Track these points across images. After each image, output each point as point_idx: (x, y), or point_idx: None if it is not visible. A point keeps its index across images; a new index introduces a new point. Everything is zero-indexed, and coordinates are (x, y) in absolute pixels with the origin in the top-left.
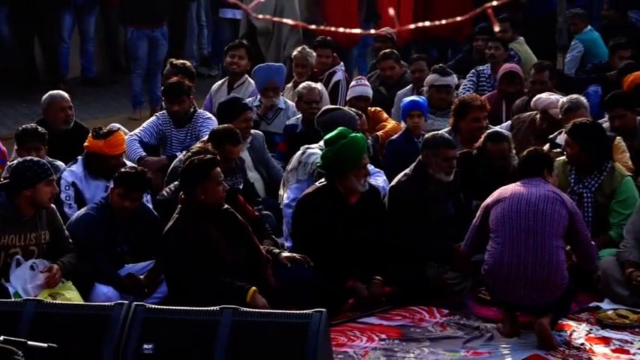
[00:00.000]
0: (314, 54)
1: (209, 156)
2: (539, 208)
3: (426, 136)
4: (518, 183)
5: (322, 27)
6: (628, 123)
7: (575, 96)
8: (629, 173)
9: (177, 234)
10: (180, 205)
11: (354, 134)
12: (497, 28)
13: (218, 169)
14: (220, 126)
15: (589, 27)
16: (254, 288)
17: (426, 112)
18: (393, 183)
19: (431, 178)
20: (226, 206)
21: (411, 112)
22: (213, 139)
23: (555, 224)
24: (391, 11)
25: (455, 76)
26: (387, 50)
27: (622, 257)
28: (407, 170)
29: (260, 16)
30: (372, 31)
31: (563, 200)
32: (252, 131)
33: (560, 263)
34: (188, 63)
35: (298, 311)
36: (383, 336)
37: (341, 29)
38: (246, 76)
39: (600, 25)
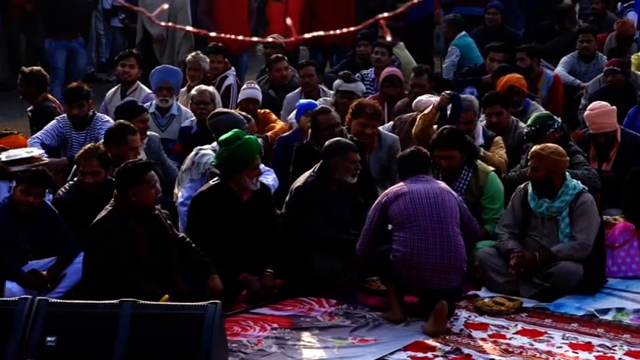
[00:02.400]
0: (207, 59)
1: (145, 160)
2: (439, 199)
3: (330, 142)
4: (408, 180)
5: (215, 34)
6: (504, 121)
7: (468, 97)
8: (492, 168)
9: (103, 227)
10: (112, 200)
11: (248, 136)
12: (389, 38)
13: (152, 172)
14: (114, 123)
15: (463, 32)
16: (166, 296)
17: None
18: (298, 183)
19: (333, 181)
20: (157, 210)
21: (307, 112)
22: (113, 134)
23: (454, 213)
24: (289, 21)
25: (360, 83)
26: (279, 54)
27: (503, 248)
28: (310, 172)
29: (162, 23)
30: (269, 39)
31: (452, 192)
32: (148, 133)
33: (460, 248)
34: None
35: (194, 303)
36: (275, 325)
37: (233, 36)
38: (138, 82)
39: (477, 32)
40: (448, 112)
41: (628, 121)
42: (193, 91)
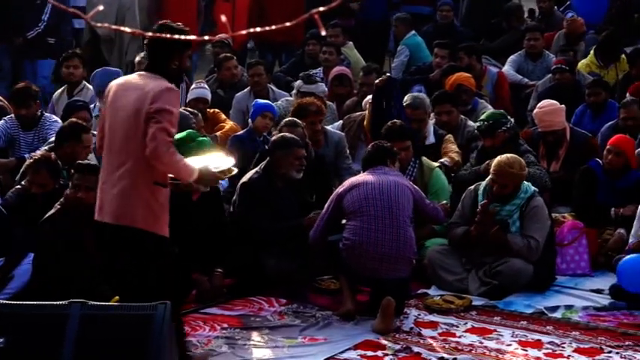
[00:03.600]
0: None
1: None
2: (391, 190)
3: (276, 137)
4: (366, 172)
5: (161, 34)
6: (454, 119)
7: (420, 95)
8: (436, 164)
9: (51, 226)
10: (62, 199)
11: (200, 138)
12: (323, 33)
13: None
14: (68, 122)
15: (413, 32)
16: (117, 297)
17: (277, 115)
18: (244, 180)
19: (279, 177)
20: None
21: (264, 113)
22: (68, 133)
23: (406, 204)
24: (223, 18)
25: (322, 84)
26: (227, 54)
27: (453, 237)
28: (257, 169)
29: (99, 25)
30: (221, 36)
31: (407, 184)
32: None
33: (410, 239)
34: None
35: (143, 303)
36: (225, 325)
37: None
38: (84, 82)
39: (428, 29)
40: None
41: (576, 119)
42: None
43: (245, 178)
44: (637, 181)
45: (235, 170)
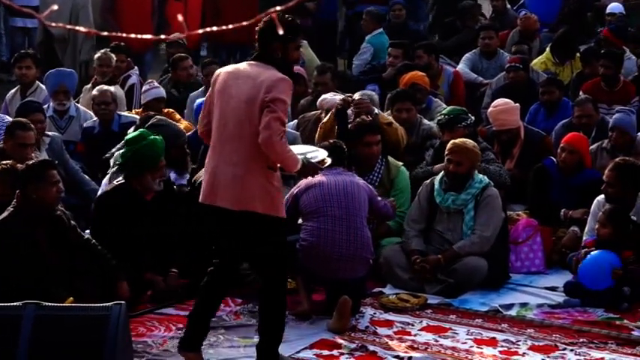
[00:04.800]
0: (115, 57)
1: (46, 158)
2: (348, 191)
3: None
4: (320, 173)
5: (115, 33)
6: (413, 117)
7: (367, 92)
8: (401, 163)
9: (4, 228)
10: (15, 201)
11: (153, 137)
12: (281, 32)
13: (54, 171)
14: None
15: (380, 30)
16: (71, 298)
17: None
18: (200, 178)
19: None
20: (60, 211)
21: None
22: (7, 130)
23: (362, 203)
24: (180, 17)
25: None
26: (182, 54)
27: (406, 248)
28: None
29: (53, 24)
30: (176, 35)
31: (362, 183)
32: (50, 133)
33: (367, 240)
34: None
35: (98, 304)
36: (180, 325)
37: (133, 35)
38: (38, 82)
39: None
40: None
41: (530, 118)
42: (94, 92)
43: (200, 177)
44: (590, 179)
45: (329, 161)
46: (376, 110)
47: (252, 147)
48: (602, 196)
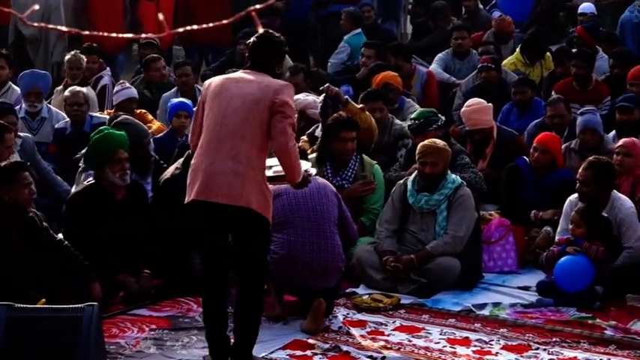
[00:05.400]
0: (85, 59)
1: (18, 160)
2: (315, 197)
3: None
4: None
5: (96, 32)
6: (385, 117)
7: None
8: (375, 161)
9: None
10: None
11: (111, 130)
12: (260, 30)
13: (26, 172)
14: None
15: (359, 30)
16: (43, 300)
17: (192, 114)
18: (166, 176)
19: None
20: (32, 212)
21: (179, 113)
22: None
23: (331, 209)
24: (160, 16)
25: None
26: (155, 54)
27: (378, 249)
28: (176, 164)
29: (35, 24)
30: (149, 36)
31: (330, 188)
32: (22, 134)
33: (338, 248)
34: None
35: (71, 305)
36: (153, 326)
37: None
38: (10, 83)
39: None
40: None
41: (503, 117)
42: (67, 93)
43: (167, 175)
44: (563, 178)
45: (314, 171)
46: (348, 99)
47: (254, 146)
48: (574, 196)
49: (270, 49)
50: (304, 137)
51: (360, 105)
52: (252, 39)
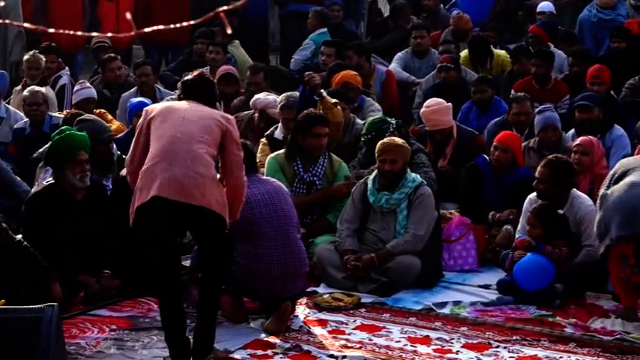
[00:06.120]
0: (44, 58)
1: None
2: (275, 202)
3: None
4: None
5: (52, 30)
6: (345, 116)
7: (292, 93)
8: (341, 160)
9: None
10: None
11: (72, 131)
12: (229, 31)
13: None
14: None
15: (324, 29)
16: (2, 300)
17: None
18: (121, 173)
19: None
20: None
21: (138, 113)
22: None
23: (294, 218)
24: (128, 15)
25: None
26: (111, 54)
27: (339, 248)
28: None
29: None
30: (104, 35)
31: (287, 192)
32: None
33: (303, 253)
34: None
35: (31, 306)
36: (113, 326)
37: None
38: None
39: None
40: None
41: (462, 117)
42: (25, 93)
43: (122, 173)
44: (523, 177)
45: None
46: (323, 93)
47: (209, 154)
48: (533, 194)
49: (211, 93)
50: (263, 140)
51: (334, 100)
52: (188, 78)
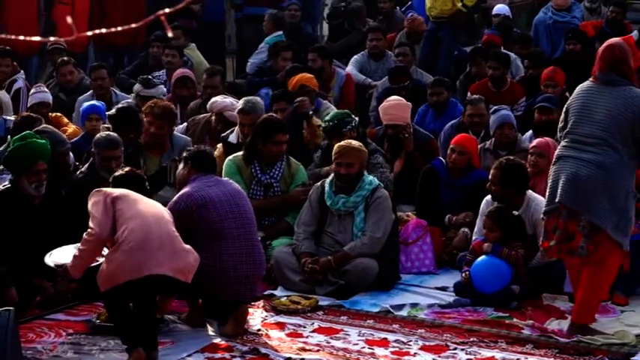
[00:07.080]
0: (2, 62)
1: None
2: (237, 203)
3: (97, 136)
4: (201, 181)
5: (3, 35)
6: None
7: (251, 98)
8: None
9: None
10: None
11: (34, 139)
12: (170, 34)
13: None
14: None
15: (280, 32)
16: None
17: (104, 116)
18: (72, 178)
19: (102, 175)
20: None
21: (90, 116)
22: None
23: (254, 220)
24: (69, 19)
25: (161, 86)
26: (65, 58)
27: (297, 250)
28: (82, 168)
29: None
30: (60, 39)
31: (243, 191)
32: None
33: (263, 256)
34: None
35: None
36: (70, 331)
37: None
38: None
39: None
40: None
41: (419, 119)
42: None
43: (73, 177)
44: (479, 179)
45: None
46: (312, 114)
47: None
48: (490, 197)
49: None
50: (219, 145)
51: (319, 122)
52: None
